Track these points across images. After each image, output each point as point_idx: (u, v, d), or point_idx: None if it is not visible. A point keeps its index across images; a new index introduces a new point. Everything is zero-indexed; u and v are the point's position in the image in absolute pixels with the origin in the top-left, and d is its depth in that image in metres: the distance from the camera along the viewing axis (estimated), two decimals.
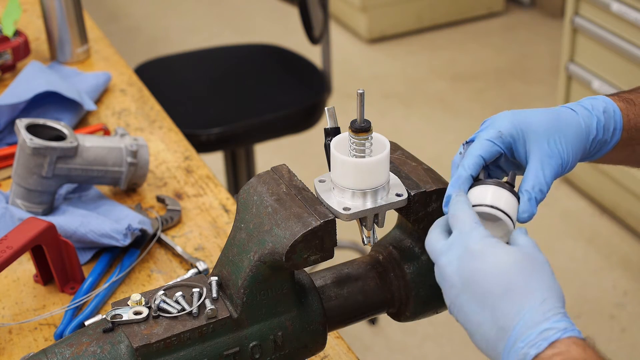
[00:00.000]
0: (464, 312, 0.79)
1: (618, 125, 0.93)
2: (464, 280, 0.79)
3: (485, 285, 0.77)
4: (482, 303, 0.77)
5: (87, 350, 0.88)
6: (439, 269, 0.82)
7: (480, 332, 0.78)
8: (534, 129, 0.89)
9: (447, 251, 0.81)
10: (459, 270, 0.79)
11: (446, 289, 0.81)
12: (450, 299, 0.81)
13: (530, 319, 0.74)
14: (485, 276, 0.77)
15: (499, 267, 0.77)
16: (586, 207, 3.08)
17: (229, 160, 2.53)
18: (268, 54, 2.67)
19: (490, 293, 0.77)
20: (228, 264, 0.93)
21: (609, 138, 0.93)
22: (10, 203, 1.34)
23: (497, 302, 0.76)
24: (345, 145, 0.89)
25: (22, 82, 1.60)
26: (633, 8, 2.67)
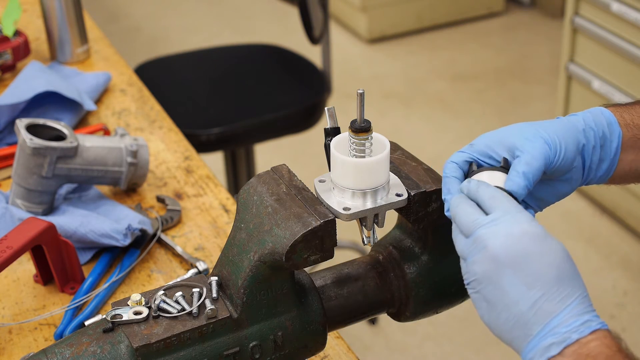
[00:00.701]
0: (500, 287, 0.79)
1: (611, 119, 0.93)
2: (514, 257, 0.79)
3: (540, 268, 0.78)
4: (529, 284, 0.78)
5: (87, 350, 0.88)
6: (478, 241, 0.81)
7: (512, 311, 0.79)
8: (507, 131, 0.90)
9: (491, 225, 0.81)
10: (511, 247, 0.79)
11: (481, 261, 0.80)
12: (484, 271, 0.80)
13: (576, 308, 0.77)
14: (541, 260, 0.78)
15: (556, 254, 0.79)
16: (586, 207, 3.08)
17: (229, 160, 2.53)
18: (268, 54, 2.67)
19: (543, 277, 0.78)
20: (228, 264, 0.93)
21: (606, 131, 0.93)
22: (10, 203, 1.34)
23: (548, 286, 0.78)
24: (345, 145, 0.89)
25: (22, 82, 1.60)
26: (633, 8, 2.67)
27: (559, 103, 3.10)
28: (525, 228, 0.80)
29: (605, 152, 0.93)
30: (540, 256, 0.79)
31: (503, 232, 0.80)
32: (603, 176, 0.95)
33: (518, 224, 0.80)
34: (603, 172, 0.94)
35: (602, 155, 0.93)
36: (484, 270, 0.80)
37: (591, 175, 0.94)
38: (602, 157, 0.93)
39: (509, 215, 0.81)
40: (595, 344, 0.76)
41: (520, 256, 0.79)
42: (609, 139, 0.93)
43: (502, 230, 0.80)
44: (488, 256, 0.80)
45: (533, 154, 0.87)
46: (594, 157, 0.93)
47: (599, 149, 0.93)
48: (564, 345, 0.76)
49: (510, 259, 0.79)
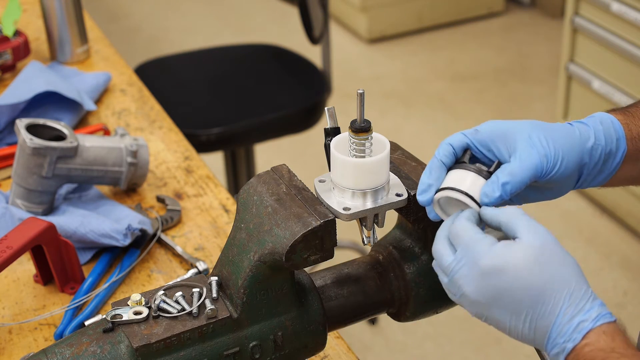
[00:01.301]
0: (495, 320, 0.82)
1: (620, 133, 0.92)
2: (488, 297, 0.81)
3: (514, 297, 0.79)
4: (514, 312, 0.80)
5: (87, 350, 0.88)
6: (455, 286, 0.83)
7: (516, 332, 0.81)
8: (515, 127, 0.89)
9: (458, 269, 0.82)
10: (481, 289, 0.81)
11: (467, 304, 0.83)
12: (475, 312, 0.83)
13: (565, 314, 0.78)
14: (511, 291, 0.79)
15: (521, 277, 0.79)
16: (586, 207, 3.08)
17: (229, 160, 2.53)
18: (268, 54, 2.67)
19: (521, 303, 0.79)
20: (228, 264, 0.93)
21: (613, 148, 0.92)
22: (10, 203, 1.34)
23: (531, 309, 0.79)
24: (345, 145, 0.89)
25: (22, 82, 1.60)
26: (633, 8, 2.67)
27: (559, 103, 3.10)
28: (484, 265, 0.80)
29: (606, 166, 0.93)
30: (510, 288, 0.79)
31: (468, 277, 0.81)
32: (598, 184, 0.95)
33: (477, 264, 0.80)
34: (597, 182, 0.94)
35: (602, 168, 0.93)
36: (474, 311, 0.83)
37: (584, 185, 0.94)
38: (602, 170, 0.93)
39: (467, 253, 0.81)
40: (589, 349, 0.76)
41: (494, 294, 0.80)
42: (613, 155, 0.92)
43: (467, 274, 0.81)
44: (469, 301, 0.82)
45: (522, 166, 0.85)
46: (592, 172, 0.92)
47: (600, 165, 0.92)
48: (564, 356, 0.78)
49: (488, 299, 0.81)
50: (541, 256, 0.79)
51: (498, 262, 0.79)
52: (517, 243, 0.80)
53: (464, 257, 0.82)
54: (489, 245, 0.81)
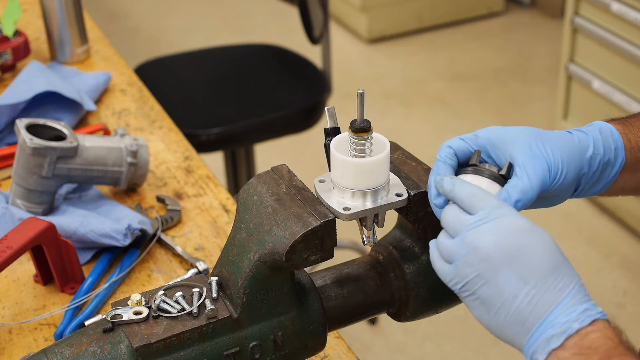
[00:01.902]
0: (496, 285, 0.79)
1: (619, 143, 0.92)
2: (506, 253, 0.78)
3: (535, 261, 0.78)
4: (525, 278, 0.78)
5: (87, 350, 0.88)
6: (467, 242, 0.80)
7: (511, 307, 0.78)
8: (514, 135, 0.88)
9: (478, 224, 0.80)
10: (502, 243, 0.78)
11: (473, 262, 0.80)
12: (477, 272, 0.80)
13: (575, 297, 0.77)
14: (533, 254, 0.78)
15: (547, 245, 0.79)
16: (586, 207, 3.08)
17: (229, 160, 2.53)
18: (268, 54, 2.67)
19: (539, 269, 0.78)
20: (228, 264, 0.93)
21: (612, 157, 0.92)
22: (10, 203, 1.34)
23: (545, 278, 0.77)
24: (345, 145, 0.89)
25: (22, 82, 1.60)
26: (633, 8, 2.67)
27: (559, 103, 3.10)
28: (513, 223, 0.79)
29: (604, 176, 0.93)
30: (532, 249, 0.78)
31: (491, 231, 0.79)
32: (593, 193, 0.95)
33: (506, 220, 0.79)
34: (594, 192, 0.94)
35: (600, 178, 0.93)
36: (476, 271, 0.80)
37: (581, 195, 0.94)
38: (600, 179, 0.93)
39: (495, 211, 0.80)
40: (597, 336, 0.75)
41: (513, 251, 0.78)
42: (611, 165, 0.92)
43: (490, 228, 0.79)
44: (480, 256, 0.79)
45: (532, 182, 0.85)
46: (590, 182, 0.92)
47: (598, 174, 0.92)
48: (565, 337, 0.75)
49: (503, 256, 0.78)
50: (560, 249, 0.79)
51: (533, 225, 0.79)
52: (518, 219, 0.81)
53: (490, 215, 0.80)
54: (517, 212, 0.80)
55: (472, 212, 0.82)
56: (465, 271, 0.80)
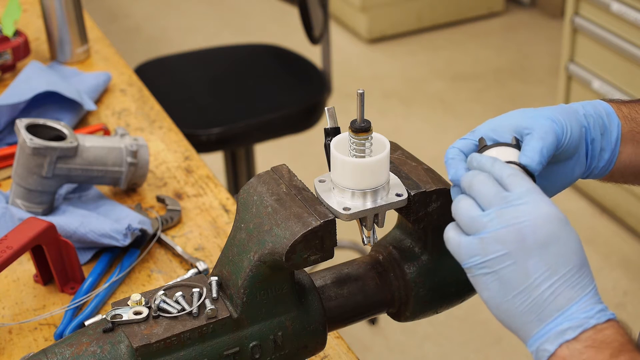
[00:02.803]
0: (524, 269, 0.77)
1: (609, 110, 0.93)
2: (543, 240, 0.77)
3: (566, 254, 0.77)
4: (554, 268, 0.77)
5: (87, 350, 0.88)
6: (504, 216, 0.78)
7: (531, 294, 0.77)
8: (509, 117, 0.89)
9: (518, 202, 0.78)
10: (540, 228, 0.77)
11: (506, 239, 0.77)
12: (508, 250, 0.77)
13: (593, 297, 0.77)
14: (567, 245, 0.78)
15: (577, 241, 0.78)
16: (586, 207, 3.08)
17: (229, 160, 2.53)
18: (268, 54, 2.67)
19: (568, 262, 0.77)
20: (228, 264, 0.93)
21: (606, 121, 0.92)
22: (10, 203, 1.34)
23: (571, 273, 0.77)
24: (345, 145, 0.89)
25: (22, 82, 1.60)
26: (633, 8, 2.67)
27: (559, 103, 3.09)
28: (551, 211, 0.78)
29: (606, 141, 0.93)
30: (566, 241, 0.78)
31: (531, 212, 0.78)
32: (605, 167, 0.94)
33: (545, 206, 0.78)
34: (605, 162, 0.94)
35: (602, 144, 0.93)
36: (507, 249, 0.77)
37: (593, 164, 0.93)
38: (603, 146, 0.93)
39: (534, 195, 0.79)
40: (611, 332, 0.76)
41: (549, 239, 0.77)
42: (608, 128, 0.93)
43: (530, 209, 0.78)
44: (515, 235, 0.77)
45: (544, 129, 0.85)
46: (595, 145, 0.92)
47: (599, 137, 0.92)
48: (580, 330, 0.75)
49: (538, 241, 0.77)
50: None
51: (564, 218, 0.79)
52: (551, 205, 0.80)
53: (529, 196, 0.78)
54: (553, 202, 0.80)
55: (510, 190, 0.80)
56: (494, 247, 0.78)
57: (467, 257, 0.80)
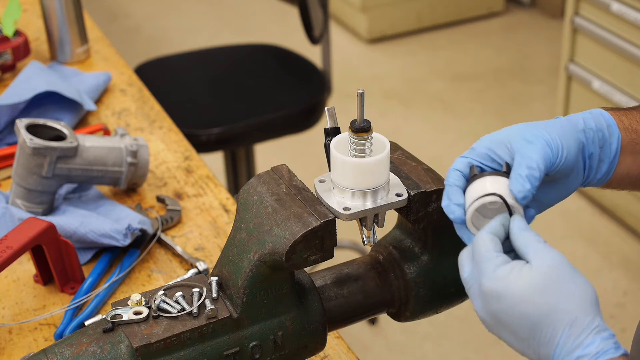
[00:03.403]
0: (503, 339, 0.81)
1: (610, 121, 0.93)
2: (491, 319, 0.80)
3: (513, 323, 0.78)
4: (516, 336, 0.79)
5: (87, 350, 0.88)
6: (472, 300, 0.83)
7: (524, 353, 0.80)
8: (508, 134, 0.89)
9: (470, 286, 0.83)
10: (484, 310, 0.81)
11: (481, 320, 0.83)
12: (487, 329, 0.83)
13: (563, 347, 0.76)
14: (510, 316, 0.78)
15: (519, 305, 0.78)
16: (586, 207, 3.08)
17: (229, 160, 2.53)
18: (268, 54, 2.67)
19: (520, 329, 0.78)
20: (228, 264, 0.93)
21: (606, 133, 0.92)
22: (10, 203, 1.34)
23: (530, 336, 0.78)
24: (345, 145, 0.89)
25: (22, 82, 1.60)
26: (633, 8, 2.67)
27: (559, 103, 3.10)
28: (485, 288, 0.80)
29: (605, 153, 0.93)
30: (507, 315, 0.79)
31: (475, 294, 0.81)
32: (602, 178, 0.94)
33: (480, 284, 0.80)
34: (602, 174, 0.94)
35: (601, 156, 0.93)
36: (487, 328, 0.82)
37: (591, 176, 0.94)
38: (602, 158, 0.93)
39: (475, 270, 0.81)
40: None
41: (495, 317, 0.80)
42: (608, 140, 0.93)
43: (474, 292, 0.81)
44: (480, 317, 0.82)
45: (534, 157, 0.86)
46: (593, 158, 0.93)
47: (598, 150, 0.93)
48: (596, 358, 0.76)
49: (490, 320, 0.81)
50: (545, 285, 0.77)
51: (498, 287, 0.79)
52: (523, 268, 0.79)
53: (474, 275, 0.82)
54: (495, 267, 0.80)
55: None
56: (479, 314, 0.82)
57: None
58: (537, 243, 0.81)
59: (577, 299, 0.78)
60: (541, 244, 0.81)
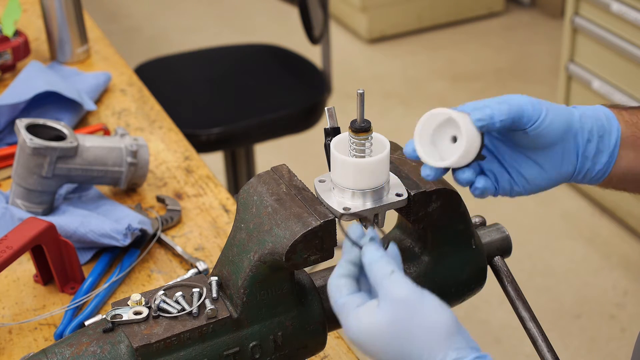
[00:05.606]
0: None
1: (609, 115, 0.93)
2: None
3: (379, 358, 0.77)
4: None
5: (87, 350, 0.88)
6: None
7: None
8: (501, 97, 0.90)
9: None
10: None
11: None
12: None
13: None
14: (373, 353, 0.77)
15: (376, 354, 0.77)
16: (586, 207, 3.08)
17: (229, 160, 2.53)
18: (268, 54, 2.67)
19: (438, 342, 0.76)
20: (228, 264, 0.93)
21: (605, 124, 0.92)
22: (10, 203, 1.34)
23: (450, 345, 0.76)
24: (345, 145, 0.90)
25: (22, 82, 1.60)
26: (633, 8, 2.67)
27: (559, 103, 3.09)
28: (346, 333, 0.79)
29: (604, 144, 0.92)
30: (371, 354, 0.78)
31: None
32: (601, 170, 0.94)
33: (341, 315, 0.80)
34: (602, 166, 0.93)
35: (600, 146, 0.92)
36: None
37: (587, 165, 0.93)
38: (601, 148, 0.93)
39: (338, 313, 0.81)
40: None
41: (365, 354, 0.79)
42: (607, 130, 0.92)
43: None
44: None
45: (508, 98, 0.87)
46: (590, 146, 0.92)
47: (596, 137, 0.92)
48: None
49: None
50: (390, 329, 0.76)
51: (353, 337, 0.78)
52: (372, 312, 0.77)
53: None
54: (347, 315, 0.79)
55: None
56: None
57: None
58: (382, 278, 0.78)
59: (424, 337, 0.75)
60: (386, 279, 0.78)
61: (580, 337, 2.55)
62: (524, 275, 2.75)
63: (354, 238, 0.82)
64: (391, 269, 0.78)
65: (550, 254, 2.89)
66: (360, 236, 0.82)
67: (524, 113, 0.88)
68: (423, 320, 0.76)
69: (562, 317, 2.62)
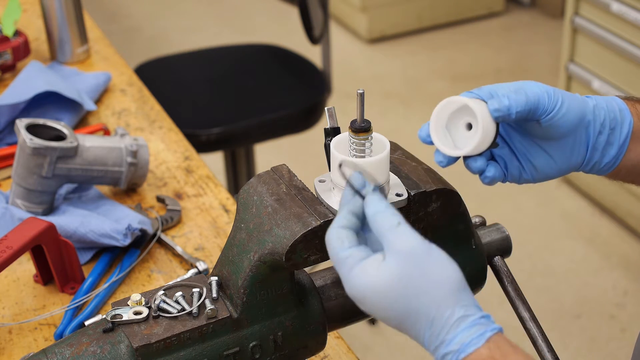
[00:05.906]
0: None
1: (622, 106, 0.93)
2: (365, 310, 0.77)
3: (383, 319, 0.76)
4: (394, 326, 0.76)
5: (87, 350, 0.88)
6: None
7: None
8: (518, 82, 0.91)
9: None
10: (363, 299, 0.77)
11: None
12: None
13: (430, 347, 0.73)
14: (377, 316, 0.76)
15: (380, 311, 0.74)
16: (586, 207, 3.08)
17: (229, 160, 2.53)
18: (268, 54, 2.67)
19: (392, 326, 0.75)
20: (228, 264, 0.93)
21: (617, 116, 0.92)
22: (10, 203, 1.34)
23: (404, 331, 0.75)
24: (345, 145, 0.90)
25: (22, 82, 1.60)
26: (633, 8, 2.67)
27: None
28: (347, 290, 0.76)
29: (615, 136, 0.92)
30: (374, 311, 0.75)
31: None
32: (610, 162, 0.94)
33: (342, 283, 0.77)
34: (611, 158, 0.93)
35: (611, 139, 0.92)
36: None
37: (596, 157, 0.93)
38: (611, 141, 0.93)
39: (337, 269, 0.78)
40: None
41: (366, 311, 0.77)
42: (619, 123, 0.92)
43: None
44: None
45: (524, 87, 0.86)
46: (601, 137, 0.92)
47: (607, 130, 0.92)
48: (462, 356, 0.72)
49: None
50: (398, 284, 0.72)
51: (355, 294, 0.75)
52: (376, 267, 0.74)
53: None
54: (348, 270, 0.75)
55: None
56: None
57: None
58: (387, 230, 0.74)
59: (433, 292, 0.72)
60: (392, 230, 0.74)
61: (580, 337, 2.55)
62: (524, 275, 2.75)
63: (356, 186, 0.77)
64: (397, 220, 0.75)
65: (550, 254, 2.89)
66: (362, 185, 0.78)
67: (539, 104, 0.87)
68: (432, 274, 0.73)
69: (562, 317, 2.62)
